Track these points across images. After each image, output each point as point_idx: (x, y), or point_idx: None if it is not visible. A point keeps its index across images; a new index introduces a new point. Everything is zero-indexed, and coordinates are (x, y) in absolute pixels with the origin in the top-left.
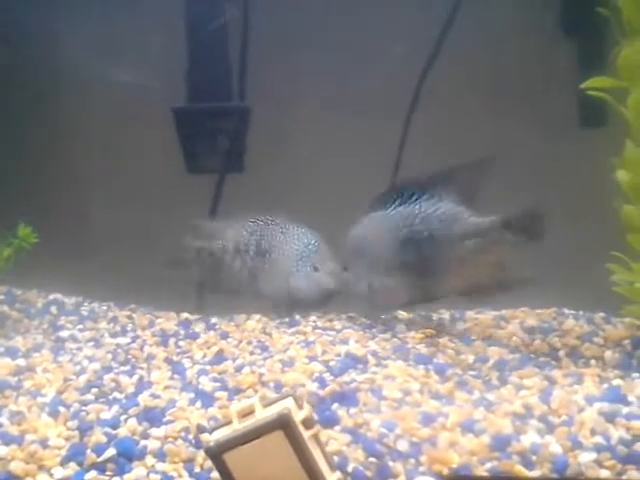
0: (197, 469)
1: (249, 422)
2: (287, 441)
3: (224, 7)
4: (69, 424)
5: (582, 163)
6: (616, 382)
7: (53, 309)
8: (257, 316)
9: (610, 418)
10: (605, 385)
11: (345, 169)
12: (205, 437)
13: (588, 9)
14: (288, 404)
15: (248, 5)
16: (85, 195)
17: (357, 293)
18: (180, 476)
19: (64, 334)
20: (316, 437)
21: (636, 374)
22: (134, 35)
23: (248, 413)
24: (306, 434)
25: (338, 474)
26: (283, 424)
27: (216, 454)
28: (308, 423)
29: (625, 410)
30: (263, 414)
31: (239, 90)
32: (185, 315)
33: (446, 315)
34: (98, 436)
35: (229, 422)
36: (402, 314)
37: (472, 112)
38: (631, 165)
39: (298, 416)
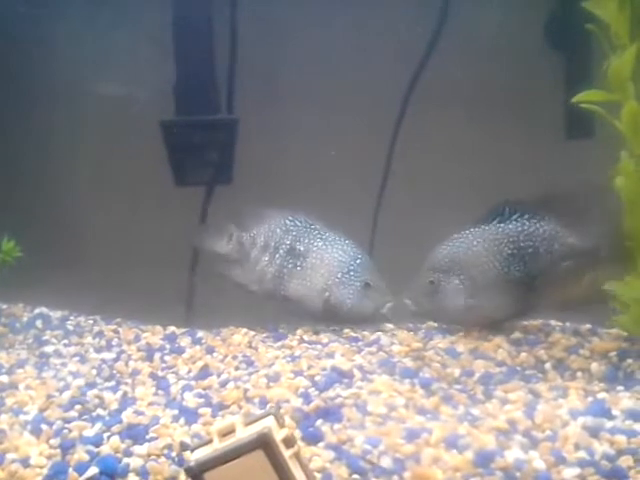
0: None
1: (229, 441)
2: (267, 460)
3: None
4: (51, 442)
5: (569, 174)
6: (601, 395)
7: (39, 323)
8: (244, 330)
9: (594, 433)
10: (590, 399)
11: (334, 181)
12: (188, 455)
13: (575, 23)
14: (269, 423)
15: (236, 17)
16: (72, 207)
17: (452, 307)
18: None
19: (49, 349)
20: (297, 456)
21: (621, 387)
22: (122, 48)
23: (229, 432)
24: (287, 453)
25: None
26: (263, 443)
27: (196, 473)
28: (289, 442)
29: (609, 424)
30: (244, 433)
31: (227, 103)
32: (172, 329)
33: (433, 327)
34: (80, 454)
35: (210, 441)
36: (389, 326)
37: (460, 124)
38: (626, 175)
39: (279, 435)
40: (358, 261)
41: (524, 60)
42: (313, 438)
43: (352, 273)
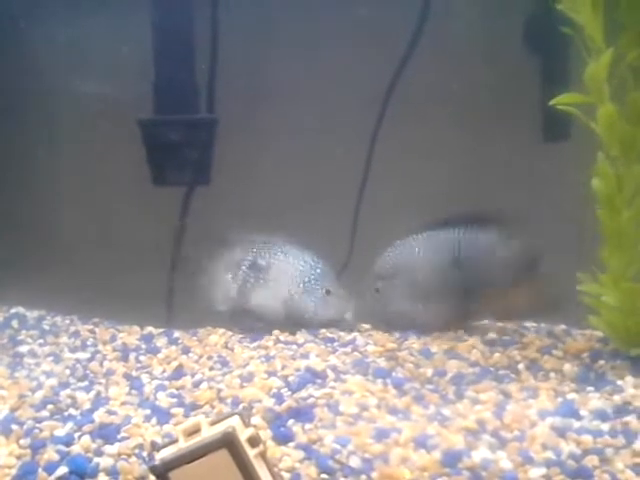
0: None
1: (194, 440)
2: (232, 459)
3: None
4: (21, 442)
5: (546, 176)
6: (570, 396)
7: (14, 323)
8: (221, 330)
9: (561, 433)
10: (559, 399)
11: (312, 182)
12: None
13: (553, 26)
14: (234, 422)
15: (217, 16)
16: (50, 206)
17: (395, 314)
18: None
19: (23, 349)
20: (263, 455)
21: (591, 388)
22: (100, 45)
23: (194, 431)
24: (252, 452)
25: None
26: (228, 442)
27: (161, 472)
28: (254, 441)
29: (577, 425)
30: (209, 432)
31: (207, 102)
32: (149, 329)
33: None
34: (50, 454)
35: (175, 440)
36: (364, 326)
37: (436, 126)
38: (602, 177)
39: (243, 434)
40: (318, 270)
41: (502, 62)
42: (284, 438)
43: (313, 282)
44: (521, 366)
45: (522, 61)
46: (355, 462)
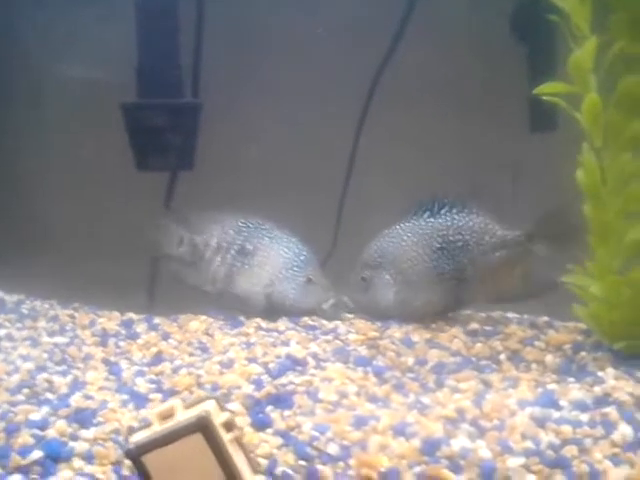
0: (125, 472)
1: (169, 424)
2: (206, 444)
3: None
4: None
5: (532, 167)
6: (551, 387)
7: None
8: (202, 317)
9: (541, 423)
10: (540, 389)
11: (298, 168)
12: None
13: (538, 15)
14: (209, 407)
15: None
16: (31, 191)
17: (383, 302)
18: (107, 478)
19: (0, 333)
20: (238, 440)
21: (572, 379)
22: (83, 28)
23: (169, 415)
24: (226, 437)
25: (260, 477)
26: (202, 426)
27: (135, 456)
28: (229, 426)
29: (556, 415)
30: (183, 416)
31: (192, 86)
32: (130, 315)
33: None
34: (25, 438)
35: (150, 424)
36: (348, 316)
37: (423, 116)
38: (586, 167)
39: (219, 419)
40: (302, 257)
41: (488, 52)
42: (262, 424)
43: (295, 269)
44: (503, 357)
45: (510, 50)
46: (333, 449)
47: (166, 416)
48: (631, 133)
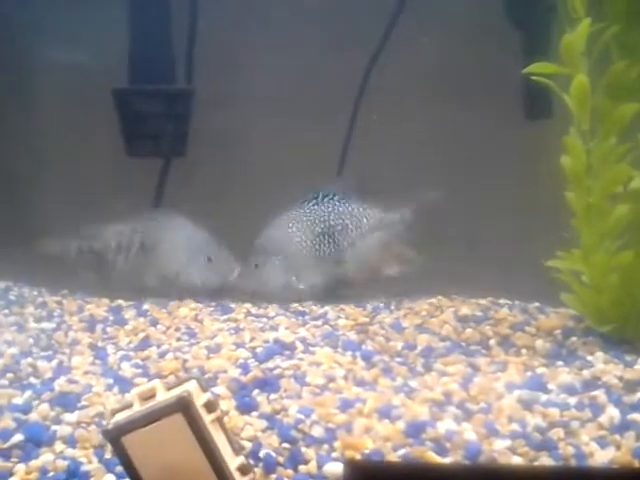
0: (107, 455)
1: (149, 405)
2: (187, 424)
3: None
4: None
5: (527, 154)
6: (540, 370)
7: None
8: (192, 304)
9: (528, 406)
10: (528, 373)
11: (289, 156)
12: None
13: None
14: (191, 387)
15: None
16: (21, 177)
17: (273, 286)
18: (89, 462)
19: None
20: (220, 421)
21: (561, 363)
22: (75, 13)
23: (149, 396)
24: (208, 418)
25: (242, 458)
26: (182, 407)
27: (114, 437)
28: (210, 406)
29: (544, 398)
30: (164, 397)
31: (186, 72)
32: (119, 302)
33: (381, 303)
34: (7, 421)
35: (130, 405)
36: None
37: (417, 104)
38: (572, 152)
39: (200, 399)
40: (199, 241)
41: (483, 38)
42: (247, 408)
43: (195, 253)
44: (492, 342)
45: (505, 36)
46: (318, 432)
47: (147, 397)
48: (617, 118)
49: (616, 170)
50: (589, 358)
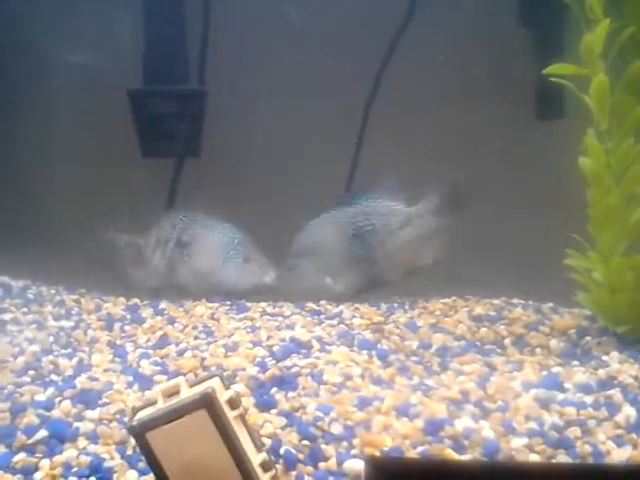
0: (129, 451)
1: (173, 401)
2: (210, 421)
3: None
4: (1, 406)
5: (539, 155)
6: (555, 370)
7: None
8: (209, 303)
9: (545, 404)
10: (544, 372)
11: (302, 157)
12: None
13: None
14: (214, 384)
15: None
16: (38, 177)
17: (309, 288)
18: (112, 458)
19: (6, 317)
20: (242, 417)
21: (576, 362)
22: (90, 15)
23: (173, 393)
24: (231, 414)
25: (264, 455)
26: (206, 403)
27: (139, 433)
28: (233, 403)
29: (560, 397)
30: (188, 394)
31: (198, 73)
32: (135, 300)
33: (395, 303)
34: (30, 418)
35: (154, 402)
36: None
37: (429, 104)
38: (591, 152)
39: (223, 396)
40: (236, 240)
41: (496, 38)
42: (266, 405)
43: (232, 252)
44: (507, 341)
45: (518, 37)
46: (337, 429)
47: (171, 394)
48: (635, 118)
49: (635, 170)
50: (604, 358)
